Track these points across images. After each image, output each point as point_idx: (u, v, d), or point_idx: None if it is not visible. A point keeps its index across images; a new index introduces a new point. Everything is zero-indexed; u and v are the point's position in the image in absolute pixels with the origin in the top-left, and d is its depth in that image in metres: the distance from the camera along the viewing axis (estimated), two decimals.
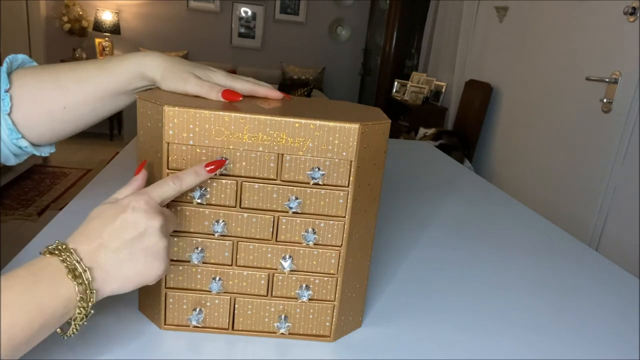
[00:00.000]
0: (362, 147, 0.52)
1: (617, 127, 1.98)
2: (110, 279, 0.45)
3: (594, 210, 2.06)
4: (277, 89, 0.61)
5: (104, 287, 0.44)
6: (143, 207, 0.46)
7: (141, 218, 0.45)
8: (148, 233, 0.45)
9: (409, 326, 0.64)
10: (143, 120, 0.53)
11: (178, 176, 0.49)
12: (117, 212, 0.45)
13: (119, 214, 0.45)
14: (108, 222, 0.45)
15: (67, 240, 0.44)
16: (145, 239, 0.45)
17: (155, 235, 0.46)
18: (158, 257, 0.46)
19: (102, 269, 0.44)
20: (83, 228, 0.45)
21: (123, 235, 0.45)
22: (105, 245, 0.44)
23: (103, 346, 0.53)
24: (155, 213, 0.46)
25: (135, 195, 0.46)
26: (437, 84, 3.83)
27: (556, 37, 2.47)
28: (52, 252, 0.43)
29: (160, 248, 0.46)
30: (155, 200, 0.47)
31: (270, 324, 0.58)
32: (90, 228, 0.45)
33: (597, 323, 0.70)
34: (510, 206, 1.20)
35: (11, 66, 0.59)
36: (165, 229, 0.47)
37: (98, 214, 0.46)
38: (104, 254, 0.44)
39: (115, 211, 0.45)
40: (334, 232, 0.55)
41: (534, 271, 0.85)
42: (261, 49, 5.40)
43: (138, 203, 0.46)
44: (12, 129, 0.57)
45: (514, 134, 2.81)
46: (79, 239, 0.44)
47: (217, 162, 0.51)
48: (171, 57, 0.60)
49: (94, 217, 0.46)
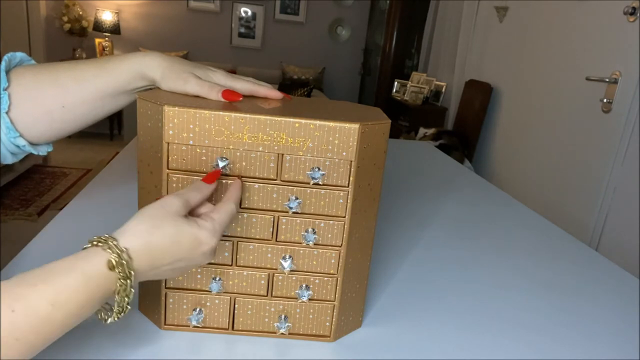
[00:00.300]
0: (362, 147, 0.52)
1: (617, 127, 1.98)
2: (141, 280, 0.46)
3: (594, 210, 2.06)
4: (277, 89, 0.61)
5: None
6: (212, 251, 0.48)
7: (202, 259, 0.48)
8: (197, 262, 0.48)
9: (409, 326, 0.64)
10: (143, 120, 0.53)
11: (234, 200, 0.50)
12: (191, 246, 0.46)
13: (191, 249, 0.46)
14: (179, 249, 0.45)
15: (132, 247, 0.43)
16: (192, 265, 0.48)
17: (200, 262, 0.48)
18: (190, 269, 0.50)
19: (142, 276, 0.45)
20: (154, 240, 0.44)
21: (179, 263, 0.46)
22: (160, 265, 0.45)
23: (103, 346, 0.53)
24: (214, 252, 0.49)
25: (212, 234, 0.47)
26: (437, 84, 3.83)
27: (556, 37, 2.47)
28: (118, 267, 0.41)
29: (197, 267, 0.50)
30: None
31: (270, 324, 0.58)
32: (160, 248, 0.44)
33: (597, 323, 0.70)
34: (510, 206, 1.20)
35: (9, 64, 0.59)
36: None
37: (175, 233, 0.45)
38: (152, 270, 0.45)
39: (190, 245, 0.46)
40: (334, 232, 0.55)
41: (534, 271, 0.85)
42: (261, 49, 5.40)
43: (211, 246, 0.47)
44: (10, 128, 0.57)
45: (514, 134, 2.81)
46: (143, 254, 0.43)
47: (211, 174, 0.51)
48: (171, 57, 0.60)
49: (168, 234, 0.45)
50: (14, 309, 0.36)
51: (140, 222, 0.44)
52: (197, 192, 0.49)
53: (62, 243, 0.74)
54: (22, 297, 0.36)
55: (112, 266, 0.41)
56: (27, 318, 0.36)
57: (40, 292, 0.37)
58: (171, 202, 0.46)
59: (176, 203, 0.46)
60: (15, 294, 0.36)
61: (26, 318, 0.36)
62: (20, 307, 0.36)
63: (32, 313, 0.36)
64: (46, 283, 0.38)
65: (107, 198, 0.94)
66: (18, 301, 0.36)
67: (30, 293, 0.37)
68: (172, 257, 0.45)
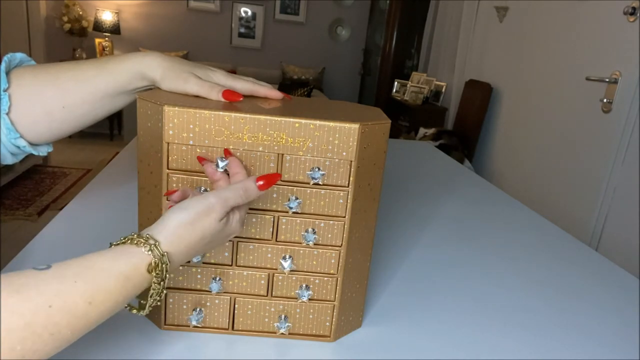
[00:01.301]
0: (362, 147, 0.52)
1: (617, 127, 1.98)
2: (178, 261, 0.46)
3: (594, 210, 2.06)
4: (277, 89, 0.61)
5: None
6: (236, 233, 0.50)
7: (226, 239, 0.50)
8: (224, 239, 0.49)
9: (409, 326, 0.64)
10: (143, 120, 0.53)
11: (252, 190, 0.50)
12: (221, 237, 0.48)
13: (221, 238, 0.48)
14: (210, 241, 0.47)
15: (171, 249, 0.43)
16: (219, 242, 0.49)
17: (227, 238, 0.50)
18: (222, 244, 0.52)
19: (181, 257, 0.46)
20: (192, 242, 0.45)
21: (210, 245, 0.48)
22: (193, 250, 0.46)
23: (103, 346, 0.53)
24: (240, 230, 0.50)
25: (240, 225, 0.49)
26: (437, 84, 3.83)
27: (556, 37, 2.47)
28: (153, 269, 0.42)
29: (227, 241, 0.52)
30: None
31: (270, 324, 0.58)
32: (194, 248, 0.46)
33: (597, 323, 0.70)
34: (510, 206, 1.20)
35: (9, 65, 0.59)
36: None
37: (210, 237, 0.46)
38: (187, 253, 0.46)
39: (221, 236, 0.48)
40: (334, 232, 0.55)
41: (534, 271, 0.85)
42: (261, 49, 5.40)
43: (236, 231, 0.49)
44: (10, 129, 0.57)
45: (514, 134, 2.81)
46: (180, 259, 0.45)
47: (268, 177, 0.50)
48: (171, 57, 0.60)
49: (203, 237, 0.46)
50: (52, 305, 0.35)
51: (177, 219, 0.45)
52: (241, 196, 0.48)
53: (62, 243, 0.74)
54: (61, 293, 0.36)
55: (151, 269, 0.42)
56: (64, 315, 0.36)
57: (80, 291, 0.37)
58: (215, 207, 0.46)
59: (217, 205, 0.46)
60: (54, 289, 0.36)
61: (63, 315, 0.36)
62: (58, 303, 0.36)
63: (70, 310, 0.37)
64: (86, 282, 0.38)
65: (107, 198, 0.94)
66: (57, 297, 0.36)
67: (69, 290, 0.37)
68: (207, 250, 0.48)
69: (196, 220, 0.45)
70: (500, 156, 2.95)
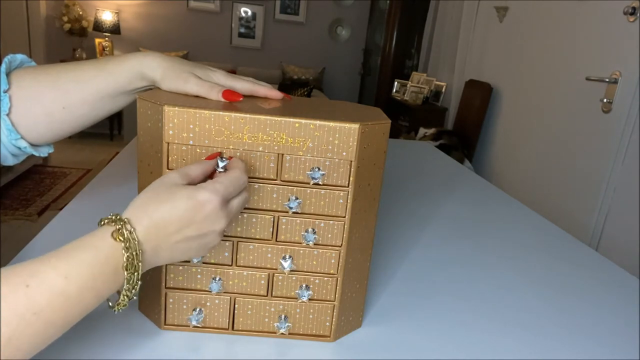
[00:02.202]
0: (362, 147, 0.52)
1: (617, 127, 1.98)
2: (158, 261, 0.46)
3: (594, 210, 2.06)
4: (277, 89, 0.61)
5: (148, 265, 0.45)
6: (215, 211, 0.45)
7: (209, 221, 0.46)
8: (210, 234, 0.47)
9: (409, 326, 0.64)
10: (143, 120, 0.53)
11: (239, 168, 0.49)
12: (191, 208, 0.44)
13: (193, 212, 0.45)
14: (179, 217, 0.44)
15: (134, 219, 0.43)
16: (205, 238, 0.47)
17: (214, 235, 0.47)
18: (206, 248, 0.48)
19: (156, 255, 0.45)
20: (152, 209, 0.44)
21: (187, 231, 0.45)
22: (168, 236, 0.45)
23: (103, 346, 0.53)
24: (223, 217, 0.46)
25: (212, 193, 0.45)
26: (437, 84, 3.83)
27: (556, 37, 2.47)
28: (119, 235, 0.42)
29: (214, 245, 0.48)
30: (227, 200, 0.47)
31: (270, 324, 0.58)
32: (160, 215, 0.44)
33: (597, 323, 0.70)
34: (510, 206, 1.20)
35: (10, 66, 0.59)
36: (223, 231, 0.48)
37: (170, 197, 0.44)
38: (165, 245, 0.45)
39: (190, 206, 0.44)
40: (334, 232, 0.55)
41: (534, 271, 0.85)
42: (261, 49, 5.40)
43: (214, 205, 0.45)
44: (11, 130, 0.57)
45: (514, 134, 2.81)
46: (144, 222, 0.43)
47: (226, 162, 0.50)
48: (171, 57, 0.60)
49: (165, 199, 0.44)
50: (29, 284, 0.37)
51: (139, 196, 0.45)
52: (198, 165, 0.48)
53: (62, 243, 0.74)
54: (36, 272, 0.37)
55: (116, 236, 0.42)
56: (42, 291, 0.37)
57: (53, 266, 0.38)
58: (168, 174, 0.46)
59: (173, 174, 0.46)
60: (29, 270, 0.38)
61: (41, 291, 0.37)
62: (34, 281, 0.37)
63: (47, 287, 0.37)
64: (58, 258, 0.39)
65: (107, 198, 0.94)
66: (32, 277, 0.37)
67: (43, 268, 0.38)
68: (176, 223, 0.44)
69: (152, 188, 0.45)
70: (500, 156, 2.95)
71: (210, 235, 0.47)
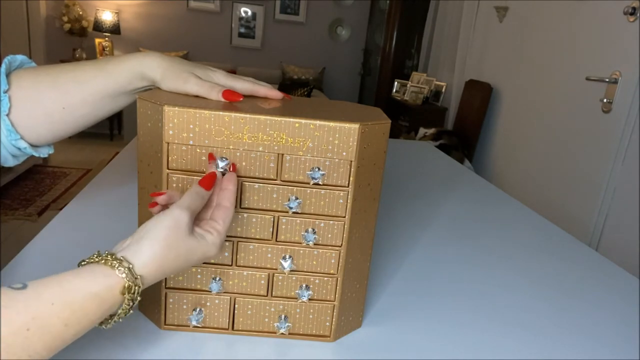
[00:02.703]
0: (362, 147, 0.52)
1: (617, 127, 1.98)
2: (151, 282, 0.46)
3: (594, 210, 2.06)
4: (277, 89, 0.61)
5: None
6: (218, 252, 0.49)
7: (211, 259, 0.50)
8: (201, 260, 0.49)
9: (409, 326, 0.64)
10: (143, 120, 0.53)
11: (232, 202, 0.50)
12: (199, 257, 0.47)
13: (199, 258, 0.48)
14: (186, 261, 0.46)
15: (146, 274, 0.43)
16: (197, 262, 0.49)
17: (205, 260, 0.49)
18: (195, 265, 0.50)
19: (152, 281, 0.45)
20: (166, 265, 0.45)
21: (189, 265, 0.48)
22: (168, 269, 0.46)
23: (103, 346, 0.53)
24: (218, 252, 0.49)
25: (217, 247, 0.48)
26: (437, 84, 3.83)
27: (556, 37, 2.47)
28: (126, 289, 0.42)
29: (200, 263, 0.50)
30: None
31: (270, 324, 0.58)
32: (170, 269, 0.46)
33: (597, 323, 0.70)
34: (510, 206, 1.20)
35: (10, 67, 0.59)
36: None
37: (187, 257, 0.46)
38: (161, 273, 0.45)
39: (199, 256, 0.47)
40: (334, 232, 0.55)
41: (534, 271, 0.85)
42: (261, 49, 5.40)
43: (216, 250, 0.48)
44: (10, 130, 0.57)
45: (514, 134, 2.81)
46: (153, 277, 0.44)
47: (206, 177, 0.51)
48: (171, 57, 0.60)
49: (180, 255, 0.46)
50: (29, 328, 0.36)
51: (155, 246, 0.44)
52: (199, 199, 0.49)
53: (62, 243, 0.74)
54: (39, 316, 0.37)
55: (125, 292, 0.42)
56: (40, 336, 0.37)
57: (57, 313, 0.38)
58: (182, 219, 0.46)
59: (186, 220, 0.46)
60: (32, 312, 0.36)
61: (40, 336, 0.37)
62: (36, 325, 0.36)
63: (46, 332, 0.37)
64: (63, 304, 0.38)
65: (107, 198, 0.94)
66: (34, 320, 0.36)
67: (47, 313, 0.37)
68: (180, 269, 0.47)
69: (170, 237, 0.45)
70: (500, 156, 2.95)
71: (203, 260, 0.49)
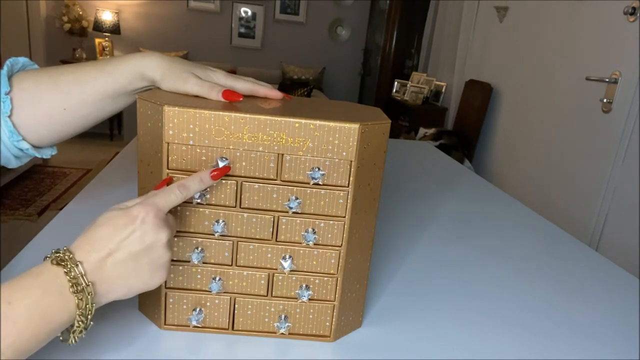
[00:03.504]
0: (362, 147, 0.52)
1: (617, 127, 1.98)
2: (114, 289, 0.45)
3: (594, 210, 2.06)
4: (277, 89, 0.61)
5: (105, 297, 0.45)
6: (152, 220, 0.46)
7: (149, 231, 0.46)
8: (155, 246, 0.46)
9: (409, 326, 0.64)
10: (143, 120, 0.53)
11: (183, 184, 0.49)
12: (126, 222, 0.45)
13: (128, 225, 0.45)
14: (116, 231, 0.45)
15: (73, 247, 0.44)
16: (152, 252, 0.46)
17: (161, 248, 0.47)
18: (162, 267, 0.48)
19: (107, 281, 0.44)
20: (90, 234, 0.45)
21: (130, 247, 0.45)
22: (112, 256, 0.44)
23: (103, 346, 0.53)
24: (163, 226, 0.47)
25: (144, 206, 0.46)
26: (437, 84, 3.83)
27: (556, 37, 2.47)
28: (58, 262, 0.42)
29: (165, 260, 0.48)
30: (163, 211, 0.47)
31: (270, 324, 0.58)
32: (98, 236, 0.44)
33: (597, 323, 0.70)
34: (510, 206, 1.20)
35: (12, 69, 0.59)
36: (171, 242, 0.48)
37: (106, 221, 0.45)
38: (110, 265, 0.44)
39: (124, 221, 0.45)
40: (334, 232, 0.55)
41: (534, 271, 0.85)
42: (261, 49, 5.40)
43: (148, 215, 0.46)
44: (12, 131, 0.57)
45: (514, 134, 2.81)
46: (86, 248, 0.44)
47: (221, 169, 0.51)
48: (171, 57, 0.60)
49: (101, 223, 0.45)
50: None
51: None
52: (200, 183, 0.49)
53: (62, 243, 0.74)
54: None
55: (54, 260, 0.42)
56: None
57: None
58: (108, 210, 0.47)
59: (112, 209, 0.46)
60: None
61: None
62: None
63: None
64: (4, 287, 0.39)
65: (107, 198, 0.94)
66: None
67: None
68: (115, 238, 0.44)
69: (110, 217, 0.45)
70: (500, 156, 2.95)
71: (157, 247, 0.46)
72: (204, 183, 0.50)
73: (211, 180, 0.50)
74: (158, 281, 0.48)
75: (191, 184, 0.50)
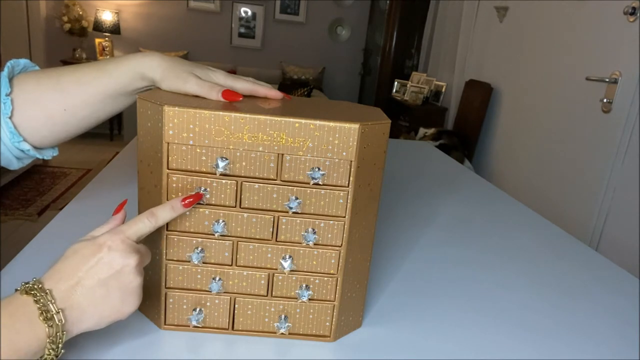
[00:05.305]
0: (362, 147, 0.52)
1: (617, 127, 1.98)
2: (85, 318, 0.45)
3: (594, 210, 2.06)
4: (277, 89, 0.61)
5: (77, 326, 0.44)
6: (119, 247, 0.46)
7: (117, 257, 0.46)
8: (124, 272, 0.46)
9: (409, 326, 0.64)
10: (143, 120, 0.53)
11: (153, 212, 0.49)
12: (93, 251, 0.45)
13: (95, 253, 0.45)
14: (84, 260, 0.45)
15: (43, 278, 0.44)
16: (121, 277, 0.46)
17: (131, 273, 0.46)
18: (133, 294, 0.47)
19: (77, 308, 0.44)
20: (59, 266, 0.45)
21: (99, 274, 0.45)
22: (80, 284, 0.44)
23: (103, 346, 0.53)
24: (131, 252, 0.47)
25: (111, 234, 0.46)
26: (437, 84, 3.83)
27: (556, 37, 2.47)
28: (27, 291, 0.42)
29: (135, 286, 0.47)
30: (131, 239, 0.48)
31: (270, 324, 0.58)
32: (66, 266, 0.45)
33: (597, 323, 0.70)
34: (510, 206, 1.20)
35: (12, 71, 0.60)
36: (140, 267, 0.48)
37: (74, 252, 0.46)
38: (80, 293, 0.44)
39: (91, 250, 0.45)
40: (334, 232, 0.55)
41: (534, 271, 0.85)
42: (261, 49, 5.40)
43: (114, 242, 0.46)
44: (13, 132, 0.58)
45: (514, 134, 2.81)
46: (55, 277, 0.44)
47: (194, 196, 0.51)
48: (171, 57, 0.60)
49: (69, 255, 0.45)
50: None
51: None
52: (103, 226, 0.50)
53: (62, 243, 0.74)
54: None
55: (22, 289, 0.42)
56: None
57: None
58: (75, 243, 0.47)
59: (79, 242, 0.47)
60: None
61: None
62: None
63: None
64: None
65: (107, 198, 0.94)
66: None
67: None
68: (83, 266, 0.45)
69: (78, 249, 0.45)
70: (500, 156, 2.95)
71: (126, 272, 0.46)
72: (175, 211, 0.50)
73: (183, 208, 0.50)
74: (130, 308, 0.48)
75: (161, 212, 0.50)
